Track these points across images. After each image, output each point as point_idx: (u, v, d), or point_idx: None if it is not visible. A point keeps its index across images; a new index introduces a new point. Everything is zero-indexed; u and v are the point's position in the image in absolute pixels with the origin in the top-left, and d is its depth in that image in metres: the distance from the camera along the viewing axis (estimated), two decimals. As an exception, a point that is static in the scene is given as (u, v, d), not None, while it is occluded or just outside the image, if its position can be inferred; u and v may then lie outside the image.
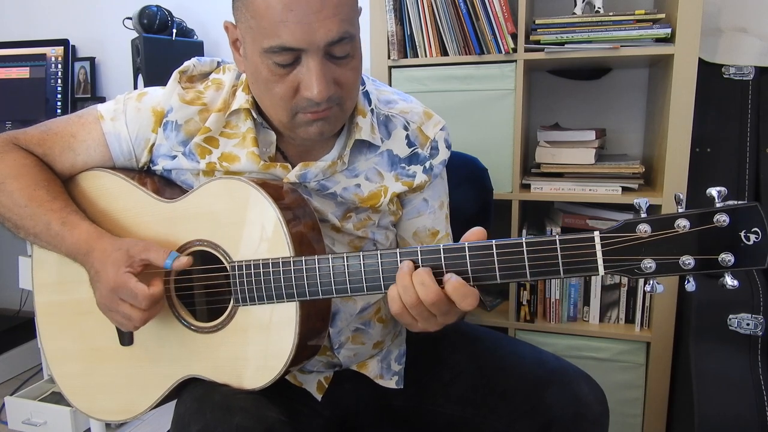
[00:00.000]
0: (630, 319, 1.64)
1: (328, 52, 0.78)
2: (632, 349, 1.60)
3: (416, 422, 1.06)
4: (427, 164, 0.98)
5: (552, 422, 0.92)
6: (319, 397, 1.01)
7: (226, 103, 0.92)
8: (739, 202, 0.64)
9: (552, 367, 0.99)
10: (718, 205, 0.65)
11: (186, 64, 0.95)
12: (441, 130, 0.99)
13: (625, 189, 1.55)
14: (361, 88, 0.94)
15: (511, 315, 1.69)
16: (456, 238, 1.06)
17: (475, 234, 0.76)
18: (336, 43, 0.78)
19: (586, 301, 1.66)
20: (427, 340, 1.08)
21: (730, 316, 1.38)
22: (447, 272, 0.74)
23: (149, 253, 0.83)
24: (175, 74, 0.93)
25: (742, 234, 0.64)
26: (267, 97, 0.85)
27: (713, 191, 0.65)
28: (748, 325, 1.37)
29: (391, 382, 1.05)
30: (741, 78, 1.61)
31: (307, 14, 0.75)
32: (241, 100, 0.90)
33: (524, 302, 1.67)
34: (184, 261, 0.83)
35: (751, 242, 0.63)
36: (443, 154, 0.99)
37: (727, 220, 0.64)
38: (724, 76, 1.62)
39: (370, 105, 0.95)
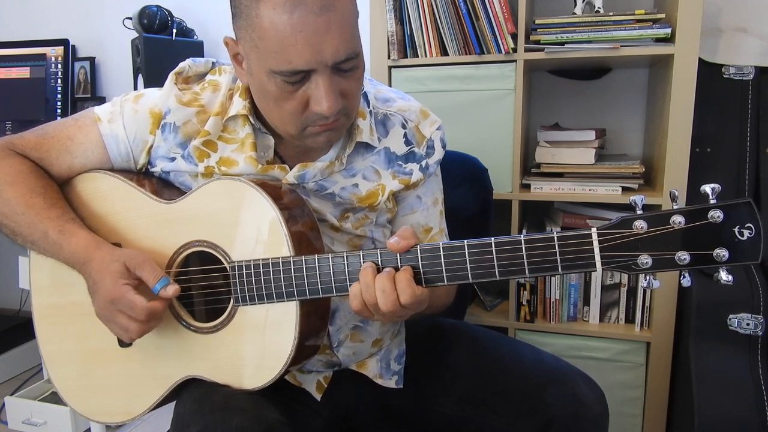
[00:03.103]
0: (630, 319, 1.64)
1: (336, 67, 0.79)
2: (632, 349, 1.60)
3: (416, 422, 1.06)
4: (423, 163, 0.98)
5: (552, 422, 0.92)
6: (318, 397, 1.01)
7: (224, 107, 0.92)
8: (733, 199, 0.65)
9: (551, 367, 0.99)
10: (712, 201, 0.65)
11: (181, 65, 0.95)
12: (437, 129, 1.00)
13: (625, 189, 1.55)
14: None
15: (511, 315, 1.69)
16: (455, 238, 1.06)
17: (405, 232, 0.77)
18: (343, 62, 0.78)
19: (586, 301, 1.66)
20: (427, 340, 1.08)
21: (730, 316, 1.38)
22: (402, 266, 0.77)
23: (143, 271, 0.83)
24: (171, 75, 0.93)
25: (736, 230, 0.65)
26: (276, 113, 0.85)
27: (707, 188, 0.66)
28: (748, 325, 1.37)
29: (390, 382, 1.05)
30: (741, 78, 1.61)
31: (315, 35, 0.75)
32: (239, 105, 0.90)
33: (524, 302, 1.67)
34: (170, 291, 0.82)
35: (745, 237, 0.65)
36: (438, 154, 1.00)
37: (721, 216, 0.65)
38: (724, 76, 1.62)
39: (368, 106, 0.95)
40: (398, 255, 0.77)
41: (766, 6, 1.61)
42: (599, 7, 1.55)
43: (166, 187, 0.95)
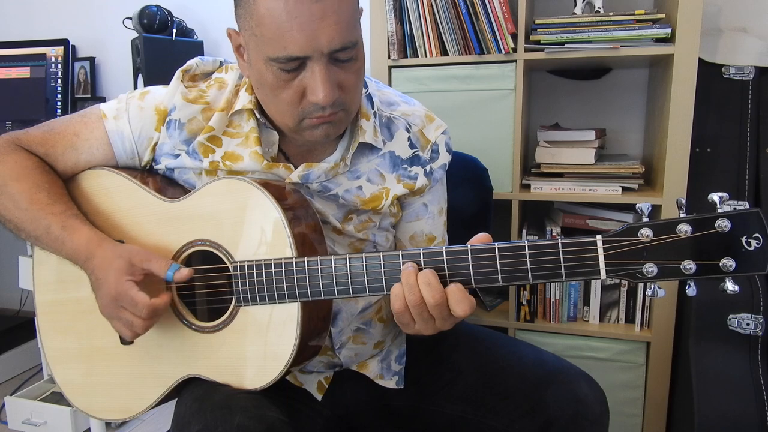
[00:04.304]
0: (630, 319, 1.64)
1: (333, 56, 0.79)
2: (632, 349, 1.60)
3: (416, 422, 1.06)
4: (428, 167, 0.98)
5: (552, 422, 0.93)
6: (319, 397, 1.01)
7: (229, 103, 0.92)
8: (741, 208, 0.64)
9: (552, 367, 0.99)
10: (719, 210, 0.65)
11: (189, 63, 0.95)
12: (442, 133, 1.00)
13: (625, 189, 1.55)
14: (364, 90, 0.94)
15: (511, 315, 1.69)
16: (456, 238, 1.06)
17: (480, 240, 0.76)
18: (339, 50, 0.78)
19: (586, 301, 1.66)
20: (428, 341, 1.07)
21: (730, 316, 1.38)
22: (450, 281, 0.74)
23: (151, 263, 0.83)
24: (178, 73, 0.93)
25: (744, 239, 0.64)
26: (273, 103, 0.85)
27: (715, 197, 0.65)
28: (748, 325, 1.37)
29: (391, 382, 1.05)
30: (741, 78, 1.61)
31: (310, 22, 0.75)
32: (245, 100, 0.90)
33: (524, 302, 1.68)
34: (185, 273, 0.83)
35: (752, 248, 0.64)
36: (443, 158, 1.00)
37: (729, 225, 0.64)
38: (724, 76, 1.63)
39: (373, 108, 0.95)
40: (401, 257, 0.77)
41: (766, 6, 1.61)
42: (599, 7, 1.55)
43: (170, 185, 0.95)
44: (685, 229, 0.65)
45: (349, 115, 0.87)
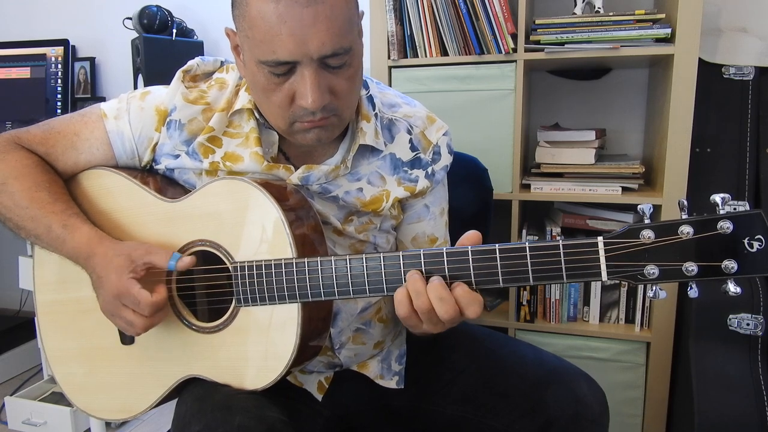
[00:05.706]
0: (630, 319, 1.64)
1: (323, 62, 0.78)
2: (632, 349, 1.60)
3: (416, 422, 1.06)
4: (429, 169, 0.98)
5: (552, 422, 0.93)
6: (319, 397, 1.01)
7: (230, 103, 0.92)
8: (741, 209, 0.64)
9: (552, 366, 0.99)
10: (721, 211, 0.64)
11: (190, 63, 0.95)
12: (444, 135, 0.99)
13: (625, 189, 1.55)
14: (365, 92, 0.94)
15: (511, 315, 1.70)
16: (456, 238, 1.06)
17: (470, 238, 0.76)
18: (330, 56, 0.77)
19: (586, 301, 1.66)
20: (428, 341, 1.08)
21: (730, 316, 1.38)
22: (453, 282, 0.74)
23: (151, 256, 0.83)
24: (179, 73, 0.93)
25: (746, 241, 0.63)
26: (265, 105, 0.85)
27: (717, 198, 0.64)
28: (748, 325, 1.37)
29: (391, 382, 1.05)
30: (741, 78, 1.61)
31: (301, 27, 0.74)
32: (244, 100, 0.90)
33: (524, 302, 1.68)
34: (187, 261, 0.83)
35: (755, 249, 0.63)
36: (445, 160, 0.99)
37: (731, 227, 0.63)
38: (724, 76, 1.63)
39: (374, 109, 0.95)
40: (401, 258, 0.76)
41: (766, 6, 1.61)
42: (599, 7, 1.55)
43: (170, 185, 0.95)
44: (687, 230, 0.65)
45: (343, 121, 0.87)
